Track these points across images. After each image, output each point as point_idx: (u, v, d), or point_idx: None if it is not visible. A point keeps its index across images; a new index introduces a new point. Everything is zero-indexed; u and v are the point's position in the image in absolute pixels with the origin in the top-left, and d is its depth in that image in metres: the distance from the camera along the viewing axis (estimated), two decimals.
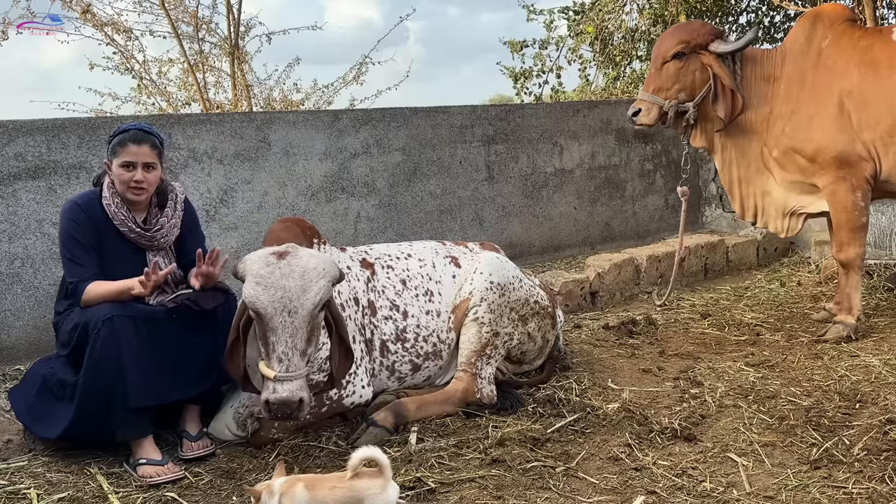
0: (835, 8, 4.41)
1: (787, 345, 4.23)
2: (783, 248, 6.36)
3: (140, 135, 3.10)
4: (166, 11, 7.61)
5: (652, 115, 4.34)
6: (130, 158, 3.06)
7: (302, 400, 2.78)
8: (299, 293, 2.83)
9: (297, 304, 2.82)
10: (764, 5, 8.62)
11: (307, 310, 2.83)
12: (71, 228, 3.07)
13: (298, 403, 2.77)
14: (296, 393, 2.77)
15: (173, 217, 3.22)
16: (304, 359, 2.85)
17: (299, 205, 4.80)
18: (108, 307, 2.93)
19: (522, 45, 9.12)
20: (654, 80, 4.37)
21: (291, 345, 2.81)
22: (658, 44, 4.45)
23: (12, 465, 3.00)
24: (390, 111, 5.23)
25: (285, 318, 2.82)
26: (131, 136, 3.09)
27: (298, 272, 2.86)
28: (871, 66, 4.08)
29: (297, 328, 2.82)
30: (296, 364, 2.81)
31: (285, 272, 2.85)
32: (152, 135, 3.15)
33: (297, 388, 2.78)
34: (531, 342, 3.68)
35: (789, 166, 4.28)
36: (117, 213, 3.10)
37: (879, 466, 2.74)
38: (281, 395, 2.76)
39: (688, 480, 2.72)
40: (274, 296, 2.81)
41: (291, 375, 2.78)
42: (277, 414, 2.79)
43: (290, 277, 2.84)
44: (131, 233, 3.12)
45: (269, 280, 2.84)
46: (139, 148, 3.07)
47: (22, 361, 3.83)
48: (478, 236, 5.41)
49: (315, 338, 2.93)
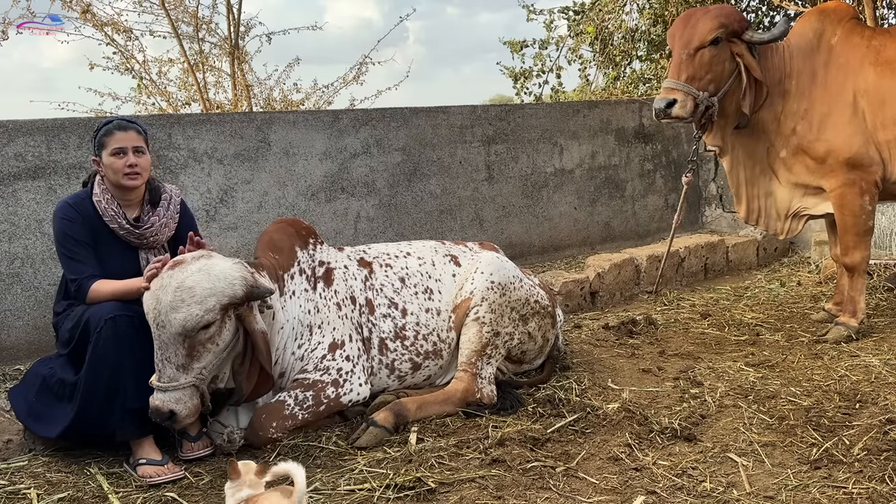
0: (840, 5, 4.30)
1: (787, 345, 4.23)
2: (783, 248, 6.36)
3: (124, 122, 3.17)
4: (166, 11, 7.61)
5: (688, 107, 3.92)
6: (119, 144, 3.08)
7: (173, 412, 2.77)
8: (168, 309, 2.76)
9: (163, 318, 2.77)
10: (764, 5, 8.63)
11: (175, 328, 2.77)
12: (65, 227, 3.07)
13: (170, 414, 2.77)
14: (166, 404, 2.77)
15: (165, 216, 3.22)
16: (187, 373, 2.81)
17: (299, 205, 4.80)
18: (111, 306, 2.94)
19: (522, 45, 9.12)
20: (687, 67, 3.93)
21: (162, 357, 2.80)
22: (688, 25, 3.99)
23: (12, 465, 3.00)
24: (390, 111, 5.23)
25: (155, 329, 2.80)
26: (116, 124, 3.14)
27: (172, 287, 2.78)
28: (889, 65, 3.98)
29: (167, 343, 2.79)
30: (168, 376, 2.79)
31: (164, 284, 2.80)
32: (135, 123, 3.21)
33: (169, 400, 2.77)
34: (531, 342, 3.68)
35: (796, 167, 4.17)
36: (108, 208, 3.10)
37: (879, 466, 2.74)
38: (154, 402, 2.79)
39: (688, 480, 2.72)
40: (150, 304, 2.80)
41: (163, 386, 2.78)
42: (155, 419, 2.81)
43: (164, 291, 2.79)
44: (121, 229, 3.12)
45: (154, 287, 2.82)
46: (126, 134, 3.11)
47: (22, 361, 3.83)
48: (478, 236, 5.41)
49: (203, 352, 2.84)
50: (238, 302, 2.88)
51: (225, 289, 2.83)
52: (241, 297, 2.88)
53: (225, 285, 2.84)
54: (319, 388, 3.21)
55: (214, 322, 2.84)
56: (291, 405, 3.15)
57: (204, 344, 2.84)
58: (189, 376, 2.82)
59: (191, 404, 2.83)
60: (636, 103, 6.59)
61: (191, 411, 2.84)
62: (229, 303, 2.85)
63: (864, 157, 4.01)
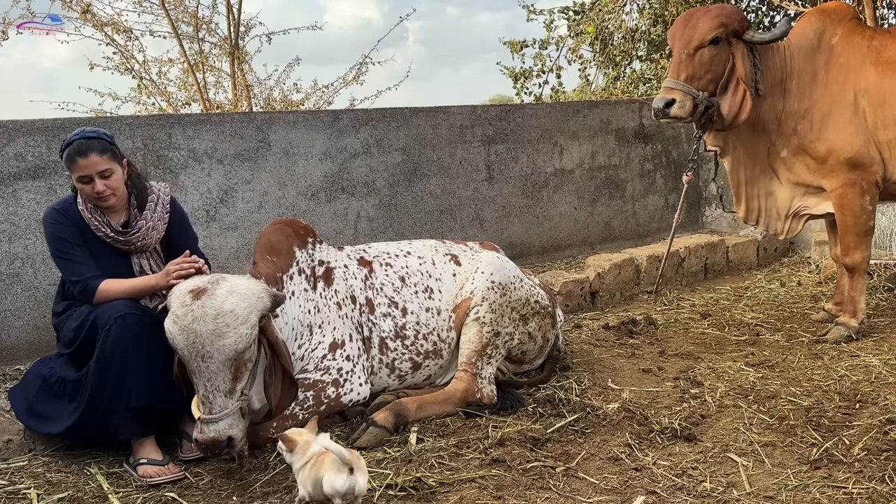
0: (840, 5, 4.30)
1: (787, 345, 4.23)
2: (783, 248, 6.36)
3: (83, 145, 2.99)
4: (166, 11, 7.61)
5: (687, 107, 3.91)
6: (82, 173, 3.00)
7: (231, 438, 2.73)
8: (212, 338, 2.68)
9: (210, 349, 2.69)
10: (764, 5, 8.63)
11: (224, 355, 2.71)
12: (56, 231, 3.06)
13: (228, 441, 2.73)
14: (223, 433, 2.71)
15: (151, 219, 3.18)
16: (233, 396, 2.76)
17: (299, 205, 4.80)
18: (120, 305, 2.94)
19: (522, 46, 9.12)
20: (687, 66, 3.92)
21: (212, 388, 2.73)
22: (688, 25, 3.98)
23: (12, 465, 3.00)
24: (390, 111, 5.23)
25: (199, 362, 2.71)
26: (75, 149, 2.99)
27: (211, 316, 2.69)
28: (890, 65, 3.98)
29: (214, 373, 2.71)
30: (220, 405, 2.73)
31: (198, 315, 2.69)
32: (96, 139, 3.03)
33: (224, 428, 2.72)
34: (532, 342, 3.68)
35: (797, 167, 4.16)
36: (91, 218, 3.08)
37: (879, 466, 2.74)
38: (208, 435, 2.71)
39: (688, 480, 2.72)
40: (187, 340, 2.69)
41: (216, 417, 2.72)
42: (208, 453, 2.77)
43: (202, 321, 2.68)
44: (106, 237, 3.10)
45: (183, 322, 2.70)
46: (87, 160, 2.98)
47: (22, 361, 3.83)
48: (478, 236, 5.41)
49: (244, 373, 2.80)
50: (266, 314, 2.86)
51: (257, 304, 2.80)
52: (269, 308, 2.87)
53: (256, 300, 2.80)
54: (320, 388, 3.21)
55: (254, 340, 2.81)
56: (292, 405, 3.15)
57: (245, 364, 2.80)
58: (234, 400, 2.77)
59: (242, 426, 2.79)
60: (636, 103, 6.59)
61: (243, 432, 2.80)
62: (261, 318, 2.83)
63: (864, 157, 4.00)
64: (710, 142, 4.31)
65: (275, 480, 2.82)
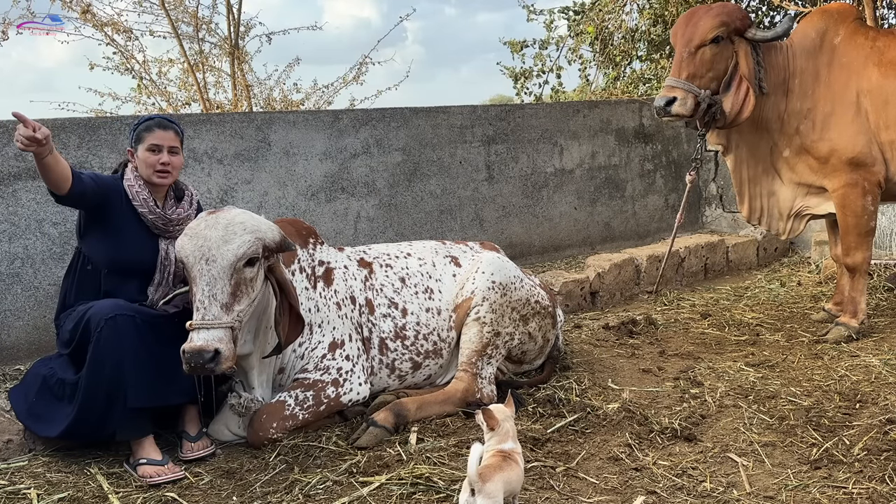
0: (843, 6, 4.30)
1: (787, 345, 4.23)
2: (783, 248, 6.36)
3: (165, 122, 3.28)
4: (166, 11, 7.61)
5: (688, 105, 3.91)
6: (157, 141, 3.18)
7: (218, 351, 2.74)
8: (219, 243, 2.87)
9: (215, 252, 2.85)
10: (764, 5, 8.63)
11: (227, 260, 2.86)
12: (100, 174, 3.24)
13: (214, 354, 2.74)
14: (211, 343, 2.74)
15: (188, 211, 3.30)
16: (228, 312, 2.84)
17: (299, 205, 4.80)
18: (111, 305, 2.94)
19: (522, 46, 9.11)
20: (688, 65, 3.94)
21: (209, 293, 2.82)
22: (689, 23, 4.00)
23: (12, 465, 3.00)
24: (390, 111, 5.23)
25: (203, 265, 2.85)
26: (157, 122, 3.25)
27: (222, 224, 2.92)
28: (892, 66, 3.98)
29: (215, 277, 2.84)
30: (214, 314, 2.80)
31: (210, 223, 2.93)
32: (175, 123, 3.32)
33: (213, 339, 2.76)
34: (532, 342, 3.68)
35: (799, 167, 4.17)
36: (139, 193, 3.17)
37: (879, 466, 2.74)
38: (195, 343, 2.74)
39: (688, 480, 2.72)
40: (195, 244, 2.88)
41: (207, 324, 2.78)
42: (192, 364, 2.74)
43: (213, 228, 2.91)
44: (150, 213, 3.17)
45: (195, 230, 2.92)
46: (165, 132, 3.21)
47: (22, 361, 3.83)
48: (478, 236, 5.41)
49: (243, 295, 2.91)
50: (274, 248, 3.01)
51: (267, 231, 2.99)
52: (278, 242, 3.02)
53: (266, 227, 3.01)
54: (320, 388, 3.21)
55: (258, 260, 2.94)
56: (292, 405, 3.16)
57: (246, 283, 2.92)
58: (229, 317, 2.84)
59: (231, 347, 2.83)
60: (636, 103, 6.59)
61: (231, 354, 2.82)
62: (267, 245, 2.98)
63: (866, 157, 4.00)
64: (713, 140, 4.32)
65: (275, 480, 2.82)
